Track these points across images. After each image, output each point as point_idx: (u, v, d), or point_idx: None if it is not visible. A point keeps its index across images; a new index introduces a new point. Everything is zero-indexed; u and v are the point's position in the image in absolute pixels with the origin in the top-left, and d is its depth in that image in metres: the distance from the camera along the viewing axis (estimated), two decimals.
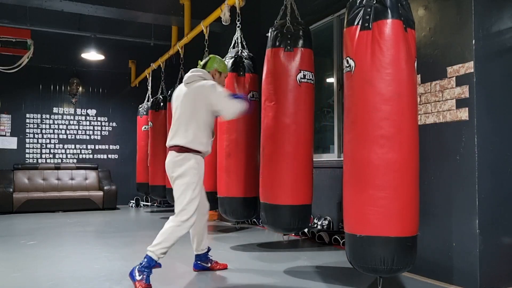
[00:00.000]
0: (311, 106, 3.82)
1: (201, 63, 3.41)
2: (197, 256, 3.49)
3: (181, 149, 3.12)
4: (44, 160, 8.65)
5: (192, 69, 3.32)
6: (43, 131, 8.68)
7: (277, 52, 3.75)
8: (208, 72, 3.34)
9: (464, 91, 2.96)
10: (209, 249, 3.53)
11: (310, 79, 3.80)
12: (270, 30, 3.87)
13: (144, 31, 7.89)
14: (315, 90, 3.90)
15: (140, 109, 8.10)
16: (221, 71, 3.41)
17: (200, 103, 3.13)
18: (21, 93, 8.49)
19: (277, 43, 3.76)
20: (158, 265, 3.01)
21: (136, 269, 2.94)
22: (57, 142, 8.79)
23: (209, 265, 3.49)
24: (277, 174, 3.70)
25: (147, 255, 2.97)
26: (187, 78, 3.27)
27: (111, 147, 9.20)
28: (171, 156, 3.17)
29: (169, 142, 3.19)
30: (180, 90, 3.30)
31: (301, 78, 3.74)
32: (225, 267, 3.53)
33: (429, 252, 3.14)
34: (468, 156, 2.93)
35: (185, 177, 3.09)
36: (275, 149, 3.71)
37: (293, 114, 3.71)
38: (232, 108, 3.18)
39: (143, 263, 2.95)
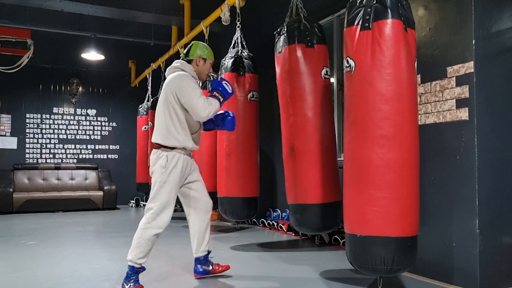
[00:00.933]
0: (331, 102, 3.82)
1: (184, 51, 3.20)
2: (197, 260, 3.28)
3: (155, 146, 3.04)
4: (44, 160, 8.65)
5: (175, 61, 3.18)
6: (43, 131, 8.68)
7: (298, 48, 3.67)
8: (191, 60, 3.15)
9: (464, 91, 2.96)
10: (209, 252, 3.32)
11: (330, 75, 3.80)
12: (285, 27, 3.76)
13: (144, 31, 7.89)
14: None
15: (140, 109, 8.09)
16: (205, 57, 3.16)
17: (170, 96, 2.99)
18: (21, 93, 8.49)
19: (297, 40, 3.67)
20: (142, 269, 2.95)
21: (124, 283, 2.91)
22: (57, 142, 8.79)
23: (211, 268, 3.30)
24: (313, 172, 3.58)
25: (128, 265, 2.92)
26: (167, 72, 3.16)
27: (111, 147, 9.20)
28: (151, 154, 3.12)
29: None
30: None
31: (324, 74, 3.72)
32: (227, 269, 3.37)
33: (429, 252, 3.14)
34: (468, 156, 2.93)
35: (154, 175, 3.01)
36: (310, 148, 3.60)
37: (322, 111, 3.66)
38: (199, 106, 2.93)
39: (127, 274, 2.91)
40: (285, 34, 3.74)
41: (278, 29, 3.86)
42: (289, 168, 3.72)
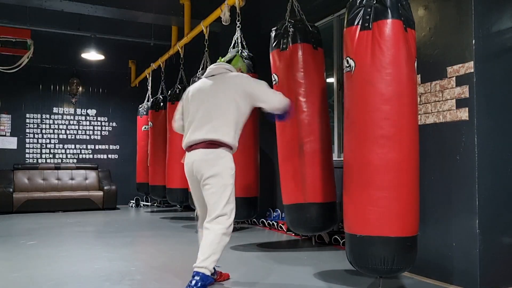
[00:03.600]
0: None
1: (223, 59, 3.20)
2: None
3: (211, 144, 2.81)
4: (44, 160, 8.65)
5: (216, 63, 3.14)
6: (43, 131, 8.68)
7: (307, 48, 3.72)
8: None
9: (464, 91, 2.97)
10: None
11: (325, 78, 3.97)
12: (290, 25, 3.75)
13: (144, 31, 7.90)
14: None
15: (140, 109, 8.10)
16: (243, 71, 3.28)
17: (234, 95, 2.87)
18: (21, 93, 8.49)
19: (305, 39, 3.72)
20: (212, 280, 2.84)
21: None
22: (57, 142, 8.79)
23: (215, 276, 3.10)
24: (326, 171, 3.71)
25: (199, 273, 2.69)
26: (213, 70, 3.04)
27: (111, 147, 9.20)
28: (200, 153, 2.82)
29: (193, 138, 2.86)
30: (203, 83, 3.02)
31: (325, 77, 3.91)
32: (227, 277, 3.24)
33: (429, 252, 3.14)
34: (468, 156, 2.93)
35: (221, 177, 2.79)
36: (321, 146, 3.71)
37: (326, 112, 3.83)
38: (277, 98, 2.97)
39: (198, 284, 2.66)
40: (293, 32, 3.73)
41: (279, 26, 3.84)
42: (295, 167, 3.70)
